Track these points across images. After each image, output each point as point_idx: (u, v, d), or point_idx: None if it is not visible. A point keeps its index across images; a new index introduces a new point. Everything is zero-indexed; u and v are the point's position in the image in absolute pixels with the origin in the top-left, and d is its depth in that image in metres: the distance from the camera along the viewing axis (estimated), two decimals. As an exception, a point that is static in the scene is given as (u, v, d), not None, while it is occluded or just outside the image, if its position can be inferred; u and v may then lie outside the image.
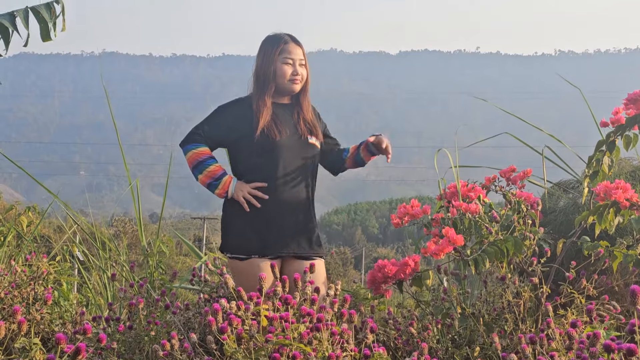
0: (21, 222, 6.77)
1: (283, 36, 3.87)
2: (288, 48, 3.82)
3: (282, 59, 3.80)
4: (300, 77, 3.83)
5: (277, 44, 3.83)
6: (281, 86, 3.83)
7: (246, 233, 3.74)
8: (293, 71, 3.80)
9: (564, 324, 3.34)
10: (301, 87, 3.88)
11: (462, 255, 3.51)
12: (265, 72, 3.82)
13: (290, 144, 3.79)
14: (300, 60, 3.84)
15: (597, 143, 3.76)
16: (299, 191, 3.81)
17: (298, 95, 3.91)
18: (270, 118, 3.79)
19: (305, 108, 3.92)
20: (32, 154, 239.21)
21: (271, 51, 3.82)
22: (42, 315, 4.36)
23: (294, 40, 3.86)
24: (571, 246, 3.83)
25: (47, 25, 4.30)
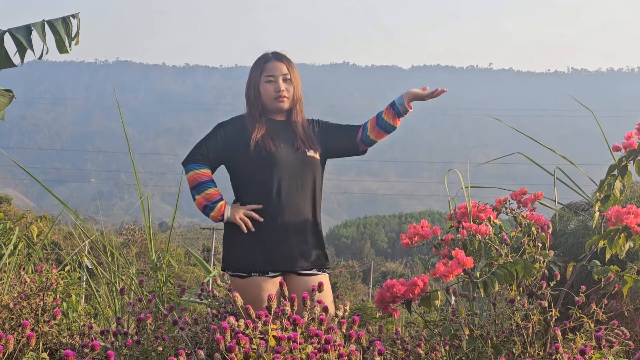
0: (31, 231, 6.79)
1: (266, 55, 3.90)
2: (268, 66, 3.84)
3: (264, 78, 3.83)
4: (285, 92, 3.83)
5: (259, 65, 3.87)
6: (268, 105, 3.86)
7: (246, 251, 3.74)
8: (275, 88, 3.81)
9: (573, 348, 3.33)
10: (290, 102, 3.88)
11: (471, 277, 3.50)
12: (252, 94, 3.86)
13: (287, 158, 3.79)
14: (284, 75, 3.83)
15: (609, 167, 3.75)
16: (299, 206, 3.80)
17: (290, 111, 3.91)
18: (265, 132, 3.79)
19: (298, 123, 3.91)
20: (44, 160, 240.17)
21: (255, 72, 3.87)
22: (50, 327, 4.37)
23: (275, 57, 3.87)
24: (581, 270, 3.82)
25: (62, 38, 4.34)
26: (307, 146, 3.86)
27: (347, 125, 4.06)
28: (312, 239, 3.84)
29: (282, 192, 3.76)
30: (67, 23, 4.31)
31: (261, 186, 3.78)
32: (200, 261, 5.88)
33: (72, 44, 4.38)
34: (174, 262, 5.04)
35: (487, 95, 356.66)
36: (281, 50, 3.96)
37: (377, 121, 3.99)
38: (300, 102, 3.92)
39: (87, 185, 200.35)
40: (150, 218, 5.26)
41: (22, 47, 4.25)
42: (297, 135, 3.86)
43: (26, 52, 4.32)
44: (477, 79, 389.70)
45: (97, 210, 73.88)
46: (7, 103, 4.58)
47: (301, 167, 3.82)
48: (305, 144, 3.85)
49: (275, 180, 3.76)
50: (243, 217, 3.71)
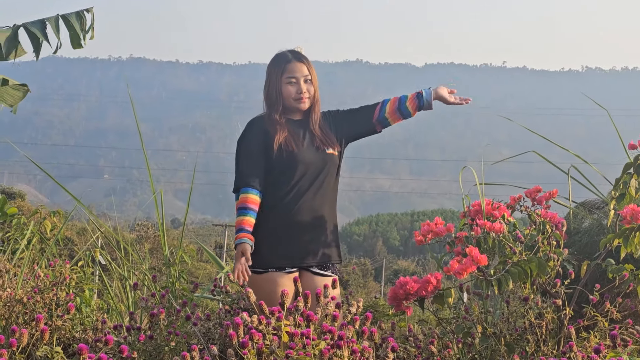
0: (45, 226, 6.83)
1: (286, 55, 3.90)
2: (289, 67, 3.84)
3: (286, 80, 3.83)
4: (307, 94, 3.86)
5: (280, 65, 3.87)
6: (289, 106, 3.87)
7: (264, 247, 3.77)
8: (297, 89, 3.83)
9: (587, 347, 3.31)
10: (310, 102, 3.90)
11: (485, 275, 3.49)
12: (272, 95, 3.87)
13: (309, 157, 3.83)
14: (305, 77, 3.85)
15: (624, 165, 3.73)
16: (318, 205, 3.84)
17: (310, 109, 3.93)
18: (288, 134, 3.82)
19: (315, 121, 3.92)
20: (57, 156, 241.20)
21: (275, 73, 3.87)
22: (64, 321, 4.38)
23: (296, 58, 3.87)
24: (595, 268, 3.80)
25: (76, 33, 4.35)
26: (326, 144, 3.89)
27: (360, 108, 4.07)
28: (329, 236, 3.89)
29: (301, 191, 3.81)
30: (82, 17, 4.32)
31: (282, 185, 3.82)
32: (213, 257, 5.89)
33: (86, 37, 4.40)
34: (186, 258, 5.06)
35: (500, 94, 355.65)
36: (296, 48, 3.96)
37: (399, 107, 4.01)
38: (318, 102, 3.95)
39: (100, 181, 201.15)
40: (163, 214, 5.28)
41: (38, 41, 4.26)
42: (315, 134, 3.89)
43: (42, 47, 4.34)
44: (490, 77, 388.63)
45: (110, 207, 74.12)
46: (21, 97, 4.60)
47: (322, 166, 3.86)
48: (324, 142, 3.89)
49: (296, 180, 3.80)
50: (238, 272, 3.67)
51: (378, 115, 4.01)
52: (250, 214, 3.78)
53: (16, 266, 5.63)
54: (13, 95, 4.72)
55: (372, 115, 4.02)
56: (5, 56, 4.36)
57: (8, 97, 4.77)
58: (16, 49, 4.38)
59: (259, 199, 3.81)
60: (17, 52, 4.42)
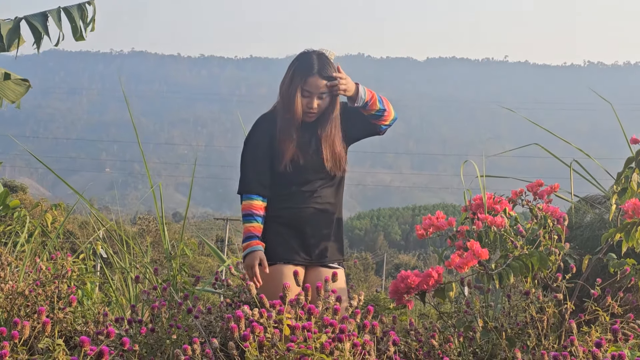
0: (46, 219, 6.83)
1: (312, 65, 3.83)
2: (310, 81, 3.79)
3: (301, 90, 3.79)
4: (316, 109, 3.82)
5: (301, 74, 3.82)
6: (297, 114, 3.83)
7: (272, 240, 3.77)
8: (308, 103, 3.79)
9: (588, 341, 3.31)
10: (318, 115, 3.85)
11: (486, 269, 3.49)
12: (284, 97, 3.85)
13: (313, 162, 3.84)
14: (320, 93, 3.80)
15: (626, 160, 3.72)
16: (324, 204, 3.86)
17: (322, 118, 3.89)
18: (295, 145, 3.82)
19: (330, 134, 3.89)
20: (59, 150, 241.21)
21: (295, 79, 3.82)
22: (66, 314, 4.39)
23: (319, 74, 3.80)
24: (597, 263, 3.80)
25: (77, 25, 4.35)
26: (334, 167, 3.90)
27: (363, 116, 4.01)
28: (334, 233, 3.90)
29: (308, 194, 3.83)
30: (83, 10, 4.32)
31: (289, 187, 3.83)
32: (214, 250, 5.89)
33: (87, 30, 4.39)
34: (188, 251, 5.06)
35: (502, 88, 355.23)
36: (326, 52, 3.91)
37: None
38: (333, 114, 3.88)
39: (101, 175, 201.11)
40: (162, 207, 5.28)
41: (39, 33, 4.26)
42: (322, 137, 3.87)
43: (42, 40, 4.34)
44: (492, 71, 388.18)
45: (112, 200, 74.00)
46: (23, 92, 4.60)
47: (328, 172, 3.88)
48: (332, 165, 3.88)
49: (303, 184, 3.83)
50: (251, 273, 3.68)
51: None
52: (257, 220, 3.78)
53: (18, 259, 5.64)
54: (14, 90, 4.72)
55: None
56: (7, 48, 4.36)
57: (10, 93, 4.77)
58: (18, 41, 4.38)
59: (264, 204, 3.83)
60: (19, 42, 4.42)
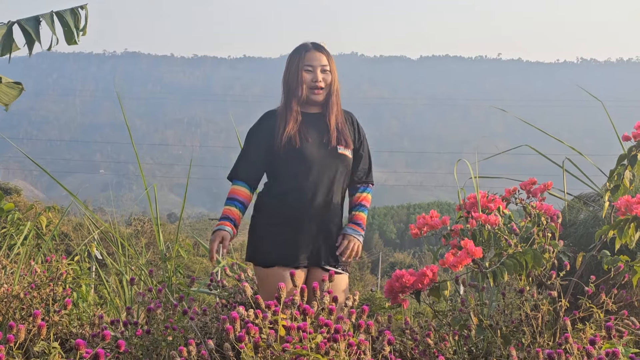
0: (40, 222, 6.82)
1: (306, 45, 3.87)
2: (308, 56, 3.81)
3: (303, 67, 3.80)
4: (322, 83, 3.79)
5: (299, 53, 3.84)
6: (305, 94, 3.81)
7: (270, 244, 3.74)
8: (313, 77, 3.78)
9: (582, 338, 3.33)
10: (325, 93, 3.83)
11: (480, 267, 3.50)
12: (289, 82, 3.83)
13: (316, 154, 3.77)
14: (323, 67, 3.81)
15: (618, 157, 3.74)
16: (326, 203, 3.79)
17: (327, 102, 3.86)
18: (296, 128, 3.78)
19: (333, 114, 3.85)
20: (53, 152, 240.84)
21: (294, 61, 3.84)
22: (61, 317, 4.39)
23: (315, 47, 3.85)
24: (591, 260, 3.82)
25: (70, 29, 4.35)
26: (339, 142, 3.84)
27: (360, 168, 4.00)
28: (332, 234, 3.85)
29: (309, 189, 3.75)
30: (76, 14, 4.32)
31: (290, 180, 3.78)
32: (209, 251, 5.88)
33: (79, 35, 4.40)
34: (183, 252, 5.06)
35: (496, 86, 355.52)
36: (321, 43, 3.93)
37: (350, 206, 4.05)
38: (336, 94, 3.88)
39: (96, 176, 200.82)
40: (157, 208, 5.28)
41: (31, 38, 4.26)
42: (329, 129, 3.83)
43: (34, 44, 4.34)
44: (486, 69, 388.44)
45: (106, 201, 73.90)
46: (16, 95, 4.60)
47: (330, 164, 3.80)
48: (336, 139, 3.83)
49: (303, 177, 3.75)
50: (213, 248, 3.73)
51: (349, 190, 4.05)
52: (236, 205, 3.81)
53: (12, 262, 5.63)
54: (8, 93, 4.71)
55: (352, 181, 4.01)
56: (1, 54, 4.35)
57: (3, 96, 4.76)
58: (11, 47, 4.37)
59: (249, 194, 3.85)
60: (12, 48, 4.42)
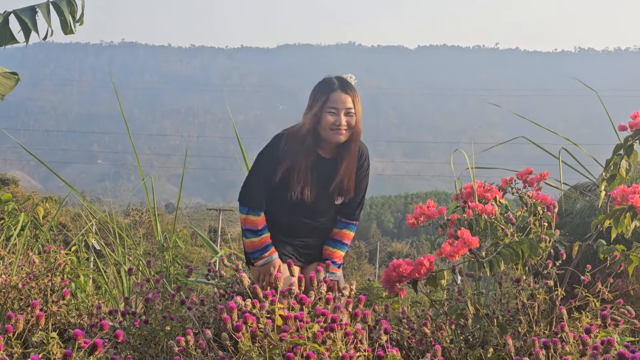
0: (38, 212, 6.83)
1: (332, 82, 3.77)
2: (333, 97, 3.71)
3: (327, 109, 3.70)
4: (346, 126, 3.71)
5: (324, 92, 3.74)
6: (324, 136, 3.75)
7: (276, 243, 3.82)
8: (336, 121, 3.69)
9: (578, 327, 3.34)
10: (347, 136, 3.75)
11: (477, 256, 3.51)
12: (312, 122, 3.74)
13: (314, 202, 3.80)
14: (347, 109, 3.71)
15: (615, 147, 3.75)
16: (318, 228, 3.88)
17: (343, 148, 3.79)
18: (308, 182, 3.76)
19: (345, 161, 3.80)
20: (50, 142, 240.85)
21: (318, 100, 3.74)
22: (59, 307, 4.40)
23: (341, 88, 3.74)
24: (587, 249, 3.83)
25: (66, 19, 4.35)
26: (339, 194, 3.84)
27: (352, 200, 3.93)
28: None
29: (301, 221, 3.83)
30: (72, 4, 4.32)
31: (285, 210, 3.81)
32: (207, 241, 5.90)
33: (76, 24, 4.39)
34: (180, 242, 5.07)
35: (494, 75, 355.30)
36: (347, 77, 3.84)
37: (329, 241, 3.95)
38: (357, 139, 3.80)
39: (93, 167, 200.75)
40: (154, 199, 5.29)
41: (27, 28, 4.26)
42: (336, 179, 3.80)
43: (31, 33, 4.33)
44: (483, 59, 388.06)
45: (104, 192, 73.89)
46: (12, 85, 4.59)
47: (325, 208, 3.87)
48: (340, 192, 3.83)
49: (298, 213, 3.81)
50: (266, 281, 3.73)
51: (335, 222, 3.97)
52: (266, 232, 3.78)
53: (11, 252, 5.64)
54: (4, 84, 4.70)
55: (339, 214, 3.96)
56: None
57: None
58: (7, 37, 4.36)
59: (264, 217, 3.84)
60: (9, 39, 4.40)
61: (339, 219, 3.92)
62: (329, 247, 3.89)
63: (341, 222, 3.92)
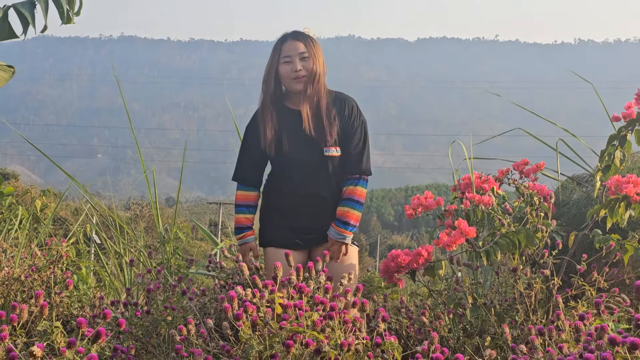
0: (35, 206, 6.86)
1: (284, 35, 3.78)
2: (285, 47, 3.71)
3: (282, 60, 3.71)
4: (302, 72, 3.68)
5: (276, 47, 3.76)
6: (288, 87, 3.75)
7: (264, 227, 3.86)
8: (292, 68, 3.68)
9: (575, 315, 3.38)
10: (307, 82, 3.69)
11: (474, 246, 3.55)
12: (268, 77, 3.76)
13: (300, 155, 3.75)
14: (301, 54, 3.68)
15: (609, 137, 3.79)
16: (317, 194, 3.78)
17: (305, 92, 3.71)
18: (273, 130, 3.75)
19: (307, 107, 3.71)
20: (50, 136, 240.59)
21: (273, 55, 3.75)
22: (62, 298, 4.45)
23: (292, 36, 3.73)
24: (583, 239, 3.87)
25: (64, 10, 4.37)
26: (324, 141, 3.72)
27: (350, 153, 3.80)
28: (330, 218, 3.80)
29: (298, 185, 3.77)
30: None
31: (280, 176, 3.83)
32: (207, 233, 5.94)
33: (73, 17, 4.41)
34: (181, 234, 5.11)
35: (493, 67, 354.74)
36: (304, 29, 3.82)
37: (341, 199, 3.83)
38: (318, 83, 3.71)
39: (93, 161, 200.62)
40: (156, 191, 5.32)
41: (26, 22, 4.28)
42: (311, 125, 3.71)
43: (29, 27, 4.34)
44: (483, 51, 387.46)
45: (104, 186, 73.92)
46: (8, 78, 4.61)
47: (318, 165, 3.77)
48: (321, 140, 3.72)
49: (292, 174, 3.78)
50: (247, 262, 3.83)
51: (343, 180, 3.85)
52: (249, 212, 3.87)
53: (13, 245, 5.68)
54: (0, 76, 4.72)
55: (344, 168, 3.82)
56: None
57: (-6, 79, 4.75)
58: (6, 31, 4.37)
59: (254, 194, 3.89)
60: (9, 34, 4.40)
61: (346, 177, 3.79)
62: (340, 206, 3.76)
63: (347, 180, 3.79)
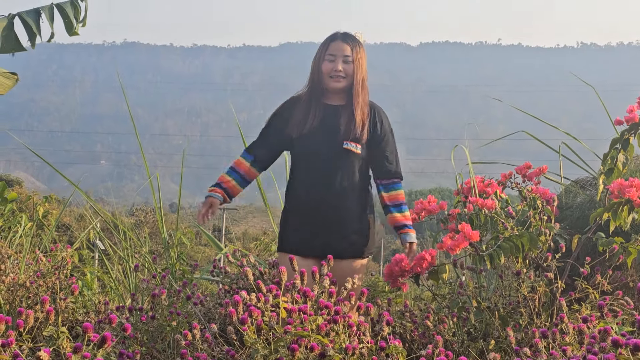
0: (38, 212, 6.88)
1: (334, 34, 3.91)
2: (332, 46, 3.83)
3: (326, 57, 3.82)
4: (343, 74, 3.79)
5: (325, 42, 3.88)
6: (324, 84, 3.84)
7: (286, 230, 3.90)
8: (333, 67, 3.79)
9: (578, 318, 3.39)
10: (346, 84, 3.81)
11: (477, 250, 3.57)
12: (315, 70, 3.88)
13: (325, 149, 3.79)
14: (345, 57, 3.79)
15: (611, 141, 3.80)
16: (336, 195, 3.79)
17: (350, 94, 3.84)
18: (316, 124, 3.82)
19: (359, 106, 3.81)
20: (54, 143, 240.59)
21: (320, 49, 3.88)
22: (67, 304, 4.46)
23: (341, 38, 3.85)
24: (586, 242, 3.87)
25: (70, 21, 4.39)
26: (349, 136, 3.79)
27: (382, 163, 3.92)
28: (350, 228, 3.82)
29: (318, 182, 3.79)
30: (76, 6, 4.36)
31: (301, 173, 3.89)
32: (211, 238, 5.96)
33: (79, 26, 4.43)
34: (185, 239, 5.12)
35: (496, 71, 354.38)
36: (354, 33, 3.93)
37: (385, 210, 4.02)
38: (360, 85, 3.82)
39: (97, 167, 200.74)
40: (160, 197, 5.34)
41: (32, 32, 4.30)
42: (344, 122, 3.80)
43: (36, 38, 4.36)
44: (486, 55, 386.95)
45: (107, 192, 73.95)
46: (11, 85, 4.62)
47: (338, 160, 3.79)
48: (348, 134, 3.79)
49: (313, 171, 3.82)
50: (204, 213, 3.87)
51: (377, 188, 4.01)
52: (231, 175, 3.95)
53: (17, 252, 5.70)
54: (3, 84, 4.72)
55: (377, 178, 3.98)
56: (3, 49, 4.35)
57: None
58: (13, 42, 4.37)
59: (251, 169, 3.97)
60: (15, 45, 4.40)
61: (383, 182, 3.94)
62: (392, 213, 3.93)
63: (388, 185, 3.94)
